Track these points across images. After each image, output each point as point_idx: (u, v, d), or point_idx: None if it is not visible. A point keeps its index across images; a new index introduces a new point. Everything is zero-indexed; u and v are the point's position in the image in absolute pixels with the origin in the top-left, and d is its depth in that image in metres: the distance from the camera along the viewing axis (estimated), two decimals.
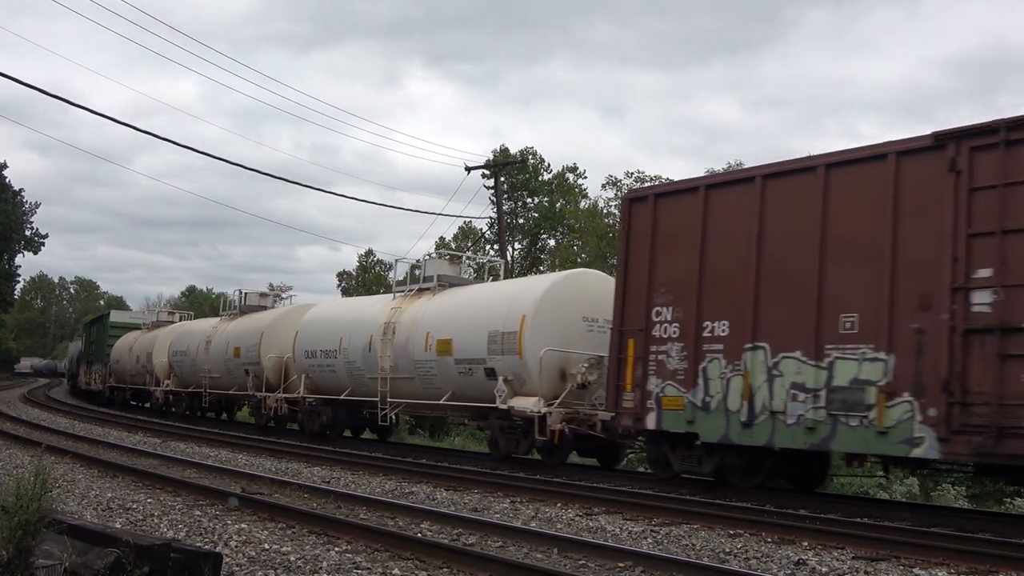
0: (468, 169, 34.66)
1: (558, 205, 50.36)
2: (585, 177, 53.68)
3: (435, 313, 17.58)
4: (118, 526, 8.24)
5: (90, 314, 73.25)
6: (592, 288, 15.63)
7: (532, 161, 50.40)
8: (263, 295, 28.62)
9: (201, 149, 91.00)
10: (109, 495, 10.55)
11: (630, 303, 13.16)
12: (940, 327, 9.82)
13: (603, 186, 49.98)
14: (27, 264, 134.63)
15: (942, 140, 10.18)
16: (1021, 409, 9.13)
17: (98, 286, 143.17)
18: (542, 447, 15.26)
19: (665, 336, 12.63)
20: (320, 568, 6.94)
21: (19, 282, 67.86)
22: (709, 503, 11.26)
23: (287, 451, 17.40)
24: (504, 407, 15.36)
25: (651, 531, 9.50)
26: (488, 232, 48.60)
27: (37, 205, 58.29)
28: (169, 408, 29.77)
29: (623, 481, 14.00)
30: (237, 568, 6.81)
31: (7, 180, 52.66)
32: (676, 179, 15.43)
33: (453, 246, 52.04)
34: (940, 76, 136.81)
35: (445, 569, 7.05)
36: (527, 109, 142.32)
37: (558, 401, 14.72)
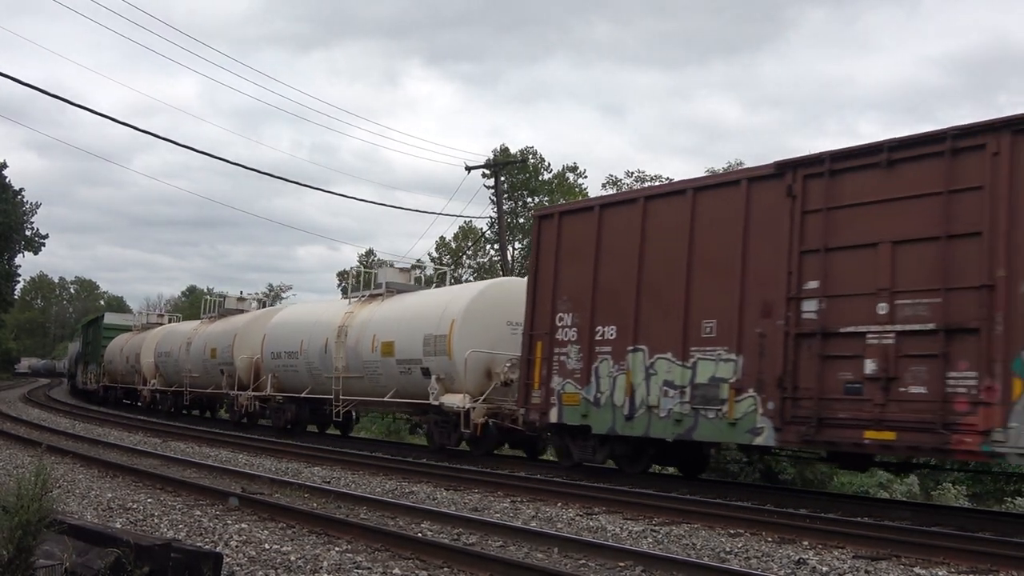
0: (468, 169, 34.67)
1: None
2: (585, 177, 53.78)
3: (381, 317, 19.28)
4: (118, 526, 8.23)
5: (89, 314, 74.48)
6: (516, 295, 16.40)
7: (532, 161, 50.43)
8: (240, 299, 30.26)
9: (201, 149, 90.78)
10: (109, 495, 10.55)
11: (538, 309, 14.60)
12: (777, 332, 11.35)
13: (603, 185, 50.04)
14: (27, 264, 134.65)
15: (782, 169, 11.74)
16: (836, 403, 10.69)
17: (98, 286, 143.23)
18: (469, 439, 16.76)
19: (566, 339, 14.12)
20: (320, 568, 6.93)
21: (19, 282, 67.86)
22: (709, 503, 11.26)
23: (287, 451, 17.40)
24: (436, 403, 16.93)
25: (651, 530, 9.50)
26: (488, 232, 48.64)
27: (37, 205, 58.29)
28: (155, 406, 31.36)
29: (623, 481, 14.02)
30: (237, 568, 6.80)
31: (7, 180, 52.68)
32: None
33: (453, 246, 52.09)
34: (940, 75, 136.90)
35: (446, 569, 7.05)
36: (527, 109, 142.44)
37: (483, 398, 16.30)
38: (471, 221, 52.76)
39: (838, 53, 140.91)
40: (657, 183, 41.50)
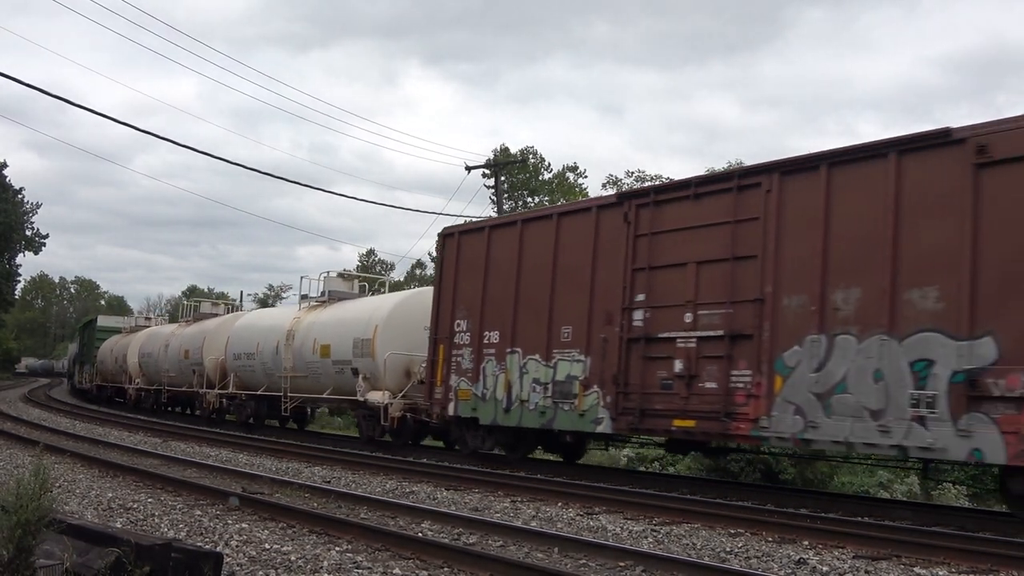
0: (468, 168, 34.70)
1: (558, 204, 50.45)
2: (585, 176, 53.81)
3: (322, 323, 21.60)
4: (119, 526, 8.24)
5: (89, 314, 75.81)
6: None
7: (532, 161, 50.43)
8: (214, 303, 34.26)
9: (201, 149, 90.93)
10: (110, 495, 10.55)
11: (441, 317, 16.78)
12: (615, 337, 13.42)
13: (603, 185, 50.05)
14: (27, 264, 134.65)
15: (621, 199, 14.02)
16: (655, 396, 12.79)
17: (98, 286, 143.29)
18: (390, 431, 18.76)
19: (462, 343, 16.25)
20: (321, 568, 6.93)
21: (19, 282, 67.90)
22: (710, 503, 11.27)
23: (287, 451, 17.41)
24: (362, 399, 19.18)
25: (652, 530, 9.50)
26: None
27: (38, 205, 58.30)
28: (139, 404, 33.48)
29: (624, 480, 14.05)
30: (238, 568, 6.80)
31: (7, 180, 52.66)
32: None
33: None
34: (938, 75, 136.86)
35: (446, 569, 7.05)
36: (526, 109, 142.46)
37: (401, 394, 18.47)
38: (470, 220, 52.65)
39: (837, 53, 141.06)
40: (658, 182, 41.74)
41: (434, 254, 22.95)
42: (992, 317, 9.60)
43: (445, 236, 17.30)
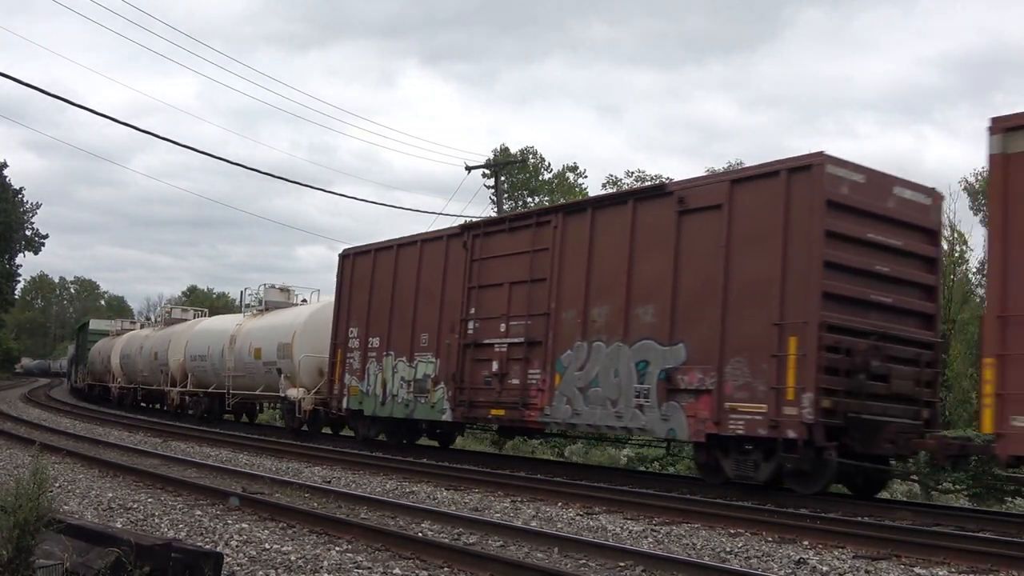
0: (468, 168, 34.69)
1: None
2: (585, 176, 53.80)
3: (257, 329, 25.01)
4: (119, 526, 8.23)
5: (89, 314, 77.06)
6: None
7: (532, 161, 50.42)
8: (184, 310, 38.17)
9: (200, 149, 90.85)
10: (110, 495, 10.55)
11: (339, 325, 20.03)
12: (455, 342, 16.53)
13: (603, 185, 50.08)
14: (27, 264, 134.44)
15: (464, 229, 17.16)
16: (480, 391, 15.93)
17: (98, 286, 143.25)
18: (305, 421, 22.24)
19: (353, 347, 19.48)
20: (321, 568, 6.93)
21: (19, 282, 67.88)
22: (710, 502, 11.27)
23: (287, 451, 17.42)
24: (283, 395, 22.53)
25: (652, 530, 9.50)
26: None
27: (38, 205, 58.29)
28: (122, 401, 36.26)
29: (624, 480, 14.05)
30: (238, 568, 6.80)
31: (7, 180, 52.65)
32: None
33: None
34: (936, 75, 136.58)
35: (446, 568, 7.05)
36: (524, 109, 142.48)
37: (314, 390, 21.62)
38: (470, 220, 52.62)
39: (835, 53, 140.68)
40: (648, 183, 42.09)
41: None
42: (684, 329, 12.69)
43: (343, 256, 20.55)
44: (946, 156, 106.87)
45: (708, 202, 12.75)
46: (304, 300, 27.45)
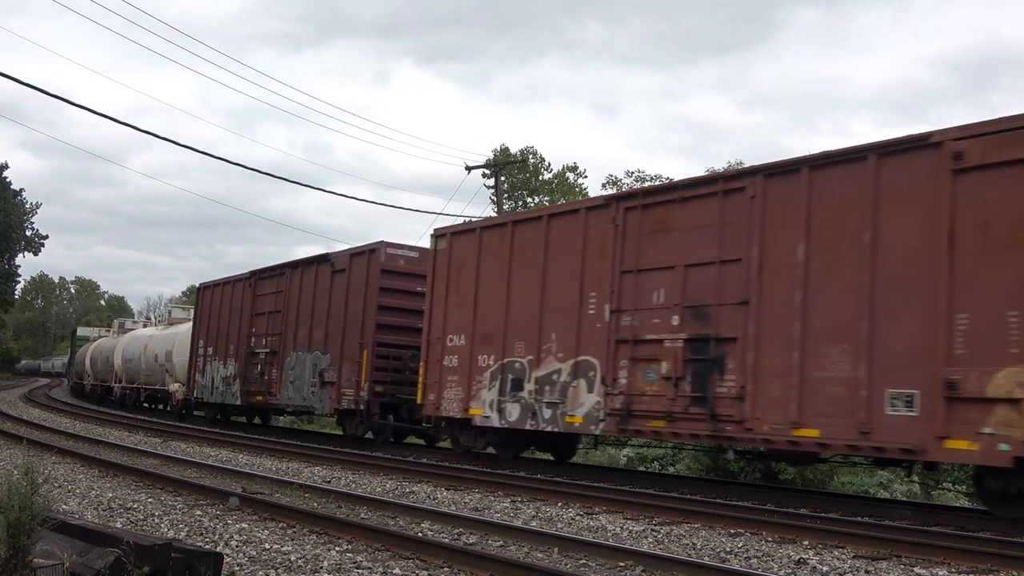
0: (469, 169, 34.68)
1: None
2: (585, 176, 53.71)
3: (161, 337, 33.21)
4: (119, 526, 8.23)
5: (89, 314, 79.57)
6: None
7: (532, 160, 50.38)
8: (185, 309, 43.51)
9: (199, 148, 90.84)
10: (110, 495, 10.55)
11: (196, 339, 27.66)
12: (243, 352, 23.69)
13: (603, 185, 50.00)
14: (27, 264, 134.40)
15: (253, 274, 24.19)
16: (252, 384, 22.61)
17: (98, 286, 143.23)
18: (179, 409, 29.74)
19: (201, 354, 27.00)
20: (321, 568, 6.93)
21: (19, 282, 67.86)
22: (710, 502, 11.27)
23: (287, 451, 17.43)
24: (167, 389, 30.74)
25: (652, 530, 9.50)
26: None
27: (38, 205, 58.27)
28: (92, 394, 43.68)
29: (624, 480, 14.04)
30: (238, 568, 6.80)
31: (7, 180, 52.64)
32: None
33: None
34: (932, 74, 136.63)
35: (446, 568, 7.05)
36: (520, 108, 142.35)
37: (184, 386, 28.81)
38: (469, 220, 52.56)
39: (830, 53, 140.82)
40: (658, 183, 42.36)
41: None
42: (330, 342, 20.22)
43: (198, 290, 28.41)
44: None
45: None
46: None
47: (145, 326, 44.59)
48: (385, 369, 18.72)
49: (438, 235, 17.23)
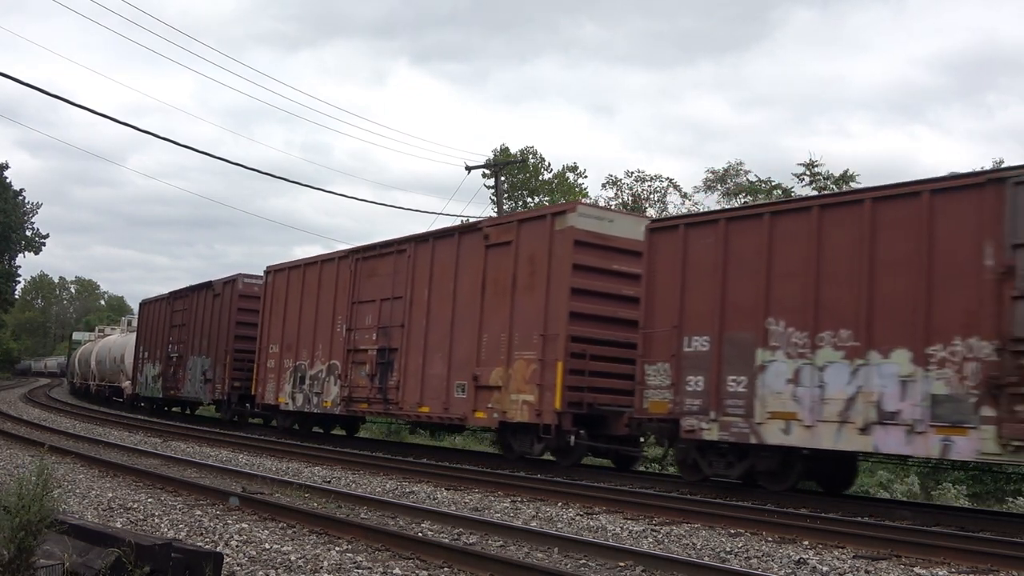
0: (469, 168, 34.66)
1: None
2: (586, 176, 53.73)
3: (121, 343, 39.24)
4: (119, 526, 8.24)
5: (89, 314, 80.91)
6: None
7: (532, 160, 50.36)
8: (112, 328, 52.95)
9: (198, 148, 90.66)
10: (110, 495, 10.55)
11: (138, 347, 33.15)
12: (165, 356, 29.82)
13: (603, 185, 50.01)
14: (27, 264, 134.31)
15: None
16: (173, 381, 28.83)
17: (98, 286, 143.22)
18: (130, 401, 35.12)
19: (140, 357, 32.69)
20: (321, 568, 6.93)
21: (19, 282, 67.88)
22: (710, 502, 11.27)
23: (287, 451, 17.43)
24: (121, 385, 37.35)
25: (652, 530, 9.50)
26: None
27: (38, 205, 58.28)
28: (78, 390, 49.50)
29: (624, 480, 14.04)
30: (238, 568, 6.81)
31: (8, 180, 52.65)
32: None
33: None
34: (929, 74, 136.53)
35: (446, 568, 7.05)
36: (518, 108, 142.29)
37: (131, 382, 34.62)
38: (468, 219, 52.61)
39: (827, 53, 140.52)
40: (657, 181, 42.71)
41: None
42: (210, 348, 25.92)
43: (140, 305, 34.74)
44: (940, 156, 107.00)
45: None
46: None
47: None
48: (241, 369, 24.27)
49: (267, 271, 23.12)
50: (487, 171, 38.27)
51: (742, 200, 27.06)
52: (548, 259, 14.89)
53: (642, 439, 15.76)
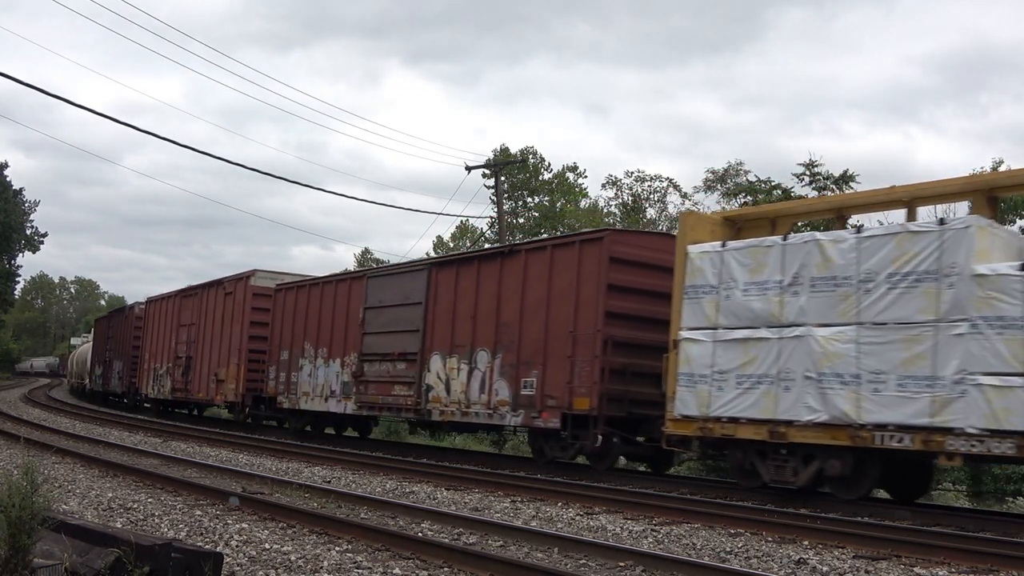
0: (469, 168, 34.67)
1: (559, 205, 50.32)
2: (585, 176, 53.64)
3: (88, 348, 47.54)
4: (119, 526, 8.23)
5: (88, 314, 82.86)
6: None
7: (532, 160, 50.34)
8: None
9: (196, 147, 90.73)
10: (110, 495, 10.55)
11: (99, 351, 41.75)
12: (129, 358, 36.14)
13: (603, 185, 50.02)
14: (27, 264, 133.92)
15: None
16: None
17: (98, 286, 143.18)
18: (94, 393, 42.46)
19: (105, 359, 40.02)
20: (321, 568, 6.93)
21: (19, 282, 67.91)
22: (710, 502, 11.27)
23: (287, 451, 17.43)
24: (86, 382, 46.08)
25: (652, 530, 9.50)
26: (489, 232, 48.55)
27: (36, 203, 58.29)
28: (73, 390, 53.09)
29: (624, 480, 14.05)
30: (238, 568, 6.81)
31: (8, 180, 52.67)
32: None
33: (452, 245, 52.08)
34: (921, 74, 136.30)
35: (446, 569, 7.05)
36: (511, 108, 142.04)
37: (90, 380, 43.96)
38: (468, 220, 52.66)
39: (819, 53, 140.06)
40: (657, 182, 42.94)
41: (433, 254, 30.25)
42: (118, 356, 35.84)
43: (96, 322, 46.34)
44: (936, 156, 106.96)
45: None
46: None
47: None
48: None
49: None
50: (487, 171, 38.26)
51: (742, 200, 27.00)
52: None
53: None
